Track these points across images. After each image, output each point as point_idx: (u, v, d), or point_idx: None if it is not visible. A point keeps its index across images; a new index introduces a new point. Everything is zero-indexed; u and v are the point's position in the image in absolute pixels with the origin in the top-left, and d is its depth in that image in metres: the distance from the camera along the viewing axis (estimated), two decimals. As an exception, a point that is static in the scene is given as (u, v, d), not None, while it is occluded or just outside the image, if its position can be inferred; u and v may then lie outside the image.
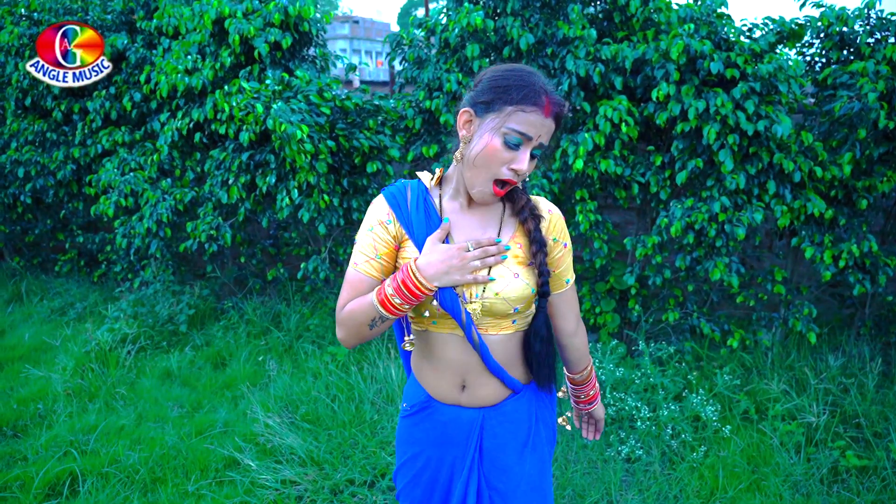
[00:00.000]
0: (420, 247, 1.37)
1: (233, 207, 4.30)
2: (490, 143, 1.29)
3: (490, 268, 1.35)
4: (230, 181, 3.99)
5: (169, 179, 4.31)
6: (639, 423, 3.01)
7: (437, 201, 1.42)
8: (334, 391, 3.42)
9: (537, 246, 1.37)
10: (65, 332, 4.51)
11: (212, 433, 3.16)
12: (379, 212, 1.40)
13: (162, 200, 4.14)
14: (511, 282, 1.36)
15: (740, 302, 3.65)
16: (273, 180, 3.81)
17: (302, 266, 4.02)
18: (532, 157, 1.31)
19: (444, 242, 1.35)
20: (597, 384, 1.67)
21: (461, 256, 1.30)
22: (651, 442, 2.98)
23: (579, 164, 3.38)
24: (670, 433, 3.00)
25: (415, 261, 1.32)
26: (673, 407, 3.08)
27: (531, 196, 1.43)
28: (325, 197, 3.75)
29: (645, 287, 3.87)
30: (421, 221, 1.38)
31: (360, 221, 4.05)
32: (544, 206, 1.43)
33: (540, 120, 1.28)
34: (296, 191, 3.74)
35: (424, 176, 1.46)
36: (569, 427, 1.76)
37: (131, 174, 4.25)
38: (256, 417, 3.20)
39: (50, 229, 5.47)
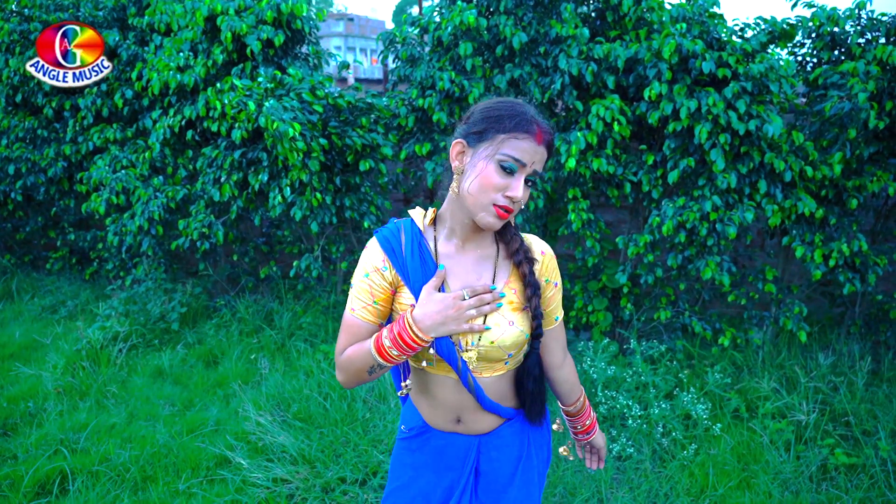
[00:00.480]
0: (416, 293, 1.36)
1: (225, 205, 4.29)
2: (484, 170, 1.28)
3: (486, 316, 1.36)
4: (222, 179, 3.98)
5: (161, 177, 4.30)
6: (630, 422, 3.02)
7: (431, 244, 1.40)
8: (326, 389, 3.41)
9: (532, 290, 1.38)
10: (56, 331, 4.48)
11: (203, 431, 3.16)
12: (374, 258, 1.39)
13: (154, 198, 4.12)
14: (506, 330, 1.37)
15: (731, 301, 3.67)
16: (265, 178, 3.80)
17: (294, 264, 4.02)
18: (528, 185, 1.32)
19: (439, 289, 1.34)
20: (593, 414, 1.66)
21: (457, 306, 1.30)
22: (642, 440, 2.99)
23: (571, 163, 3.38)
24: (661, 431, 3.01)
25: (411, 311, 1.31)
26: (664, 405, 3.09)
27: (523, 235, 1.43)
28: (318, 195, 3.74)
29: (637, 286, 3.89)
30: (416, 268, 1.37)
31: (352, 219, 4.06)
32: (537, 246, 1.44)
33: (533, 147, 1.28)
34: (288, 189, 3.73)
35: (417, 215, 1.44)
36: (571, 457, 1.75)
37: (123, 172, 4.23)
38: (248, 416, 3.20)
39: (41, 227, 5.44)
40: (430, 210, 1.43)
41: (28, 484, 2.71)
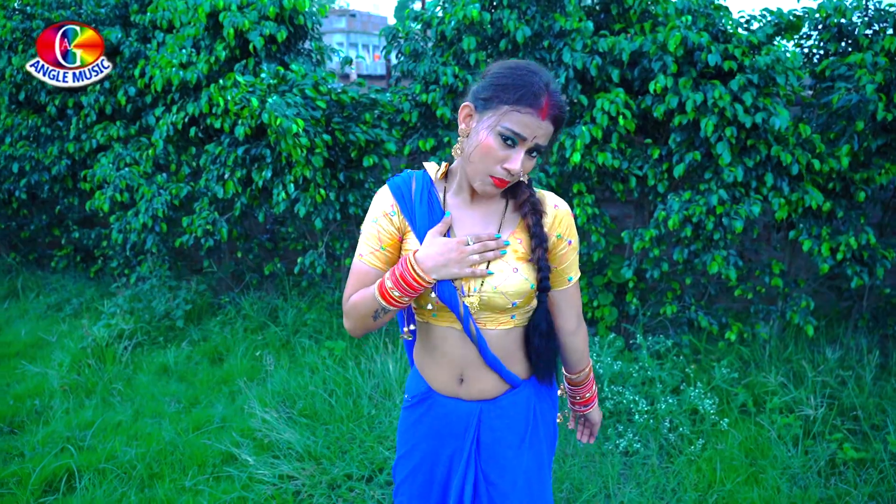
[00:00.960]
0: (422, 239, 1.37)
1: (229, 202, 4.28)
2: (485, 140, 1.29)
3: (489, 262, 1.36)
4: (226, 176, 3.97)
5: (164, 174, 4.29)
6: (636, 417, 3.01)
7: (441, 195, 1.42)
8: (332, 386, 3.41)
9: (537, 241, 1.37)
10: (61, 328, 4.49)
11: (209, 428, 3.16)
12: (383, 203, 1.42)
13: (157, 195, 4.12)
14: (510, 276, 1.36)
15: (738, 295, 3.65)
16: (269, 175, 3.79)
17: (299, 261, 4.01)
18: (532, 156, 1.31)
19: (445, 236, 1.36)
20: (595, 387, 1.66)
21: (460, 250, 1.31)
22: (649, 435, 2.98)
23: (577, 158, 3.36)
24: (668, 426, 3.00)
25: (414, 253, 1.33)
26: (671, 400, 3.07)
27: (539, 191, 1.42)
28: (322, 191, 3.73)
29: (643, 280, 3.87)
30: (424, 214, 1.39)
31: (356, 216, 4.04)
32: (550, 201, 1.42)
33: (535, 122, 1.27)
34: (292, 185, 3.72)
35: (431, 167, 1.45)
36: (561, 420, 1.75)
37: (126, 169, 4.23)
38: (254, 412, 3.20)
39: (45, 225, 5.44)
40: (443, 164, 1.44)
41: (35, 481, 2.72)
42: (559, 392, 1.68)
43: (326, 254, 4.23)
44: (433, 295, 1.36)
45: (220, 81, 3.78)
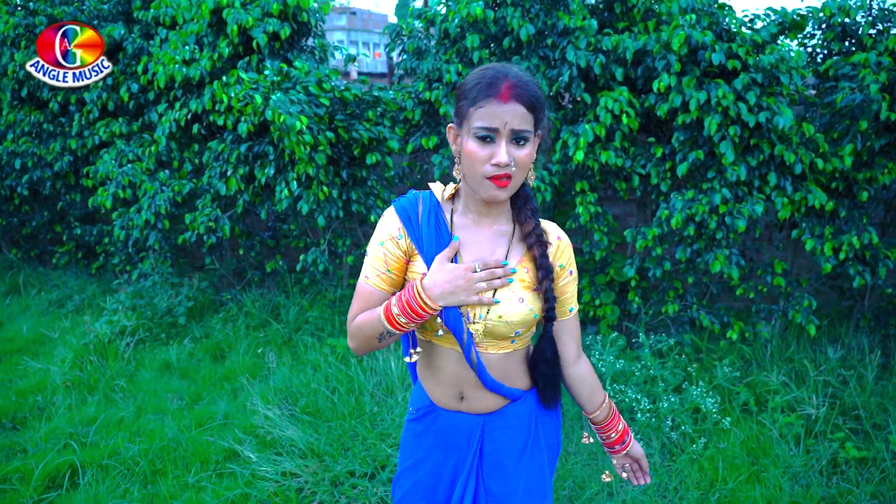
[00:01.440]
0: (429, 262, 1.37)
1: (231, 199, 4.28)
2: (467, 147, 1.30)
3: (495, 290, 1.35)
4: (229, 173, 3.97)
5: (167, 171, 4.29)
6: (639, 415, 3.01)
7: (448, 216, 1.42)
8: (334, 383, 3.41)
9: (543, 272, 1.38)
10: (63, 325, 4.49)
11: (211, 425, 3.16)
12: (390, 226, 1.40)
13: (160, 192, 4.12)
14: (515, 306, 1.36)
15: (740, 294, 3.65)
16: (272, 172, 3.79)
17: (301, 258, 4.01)
18: (520, 144, 1.28)
19: (452, 261, 1.35)
20: (622, 419, 1.57)
21: (467, 277, 1.30)
22: (651, 434, 2.98)
23: (580, 156, 3.36)
24: (670, 425, 3.01)
25: (421, 279, 1.32)
26: (673, 399, 3.08)
27: (542, 221, 1.43)
28: (325, 188, 3.73)
29: (645, 279, 3.87)
30: (431, 238, 1.38)
31: (359, 213, 4.05)
32: (553, 232, 1.43)
33: (499, 108, 1.25)
34: (295, 182, 3.72)
35: (436, 188, 1.45)
36: (610, 479, 1.71)
37: (129, 166, 4.23)
38: (256, 409, 3.20)
39: (47, 221, 5.45)
40: (451, 185, 1.45)
41: (38, 477, 2.72)
42: (585, 440, 1.62)
43: (329, 251, 4.24)
44: (439, 321, 1.36)
45: (224, 78, 3.78)
